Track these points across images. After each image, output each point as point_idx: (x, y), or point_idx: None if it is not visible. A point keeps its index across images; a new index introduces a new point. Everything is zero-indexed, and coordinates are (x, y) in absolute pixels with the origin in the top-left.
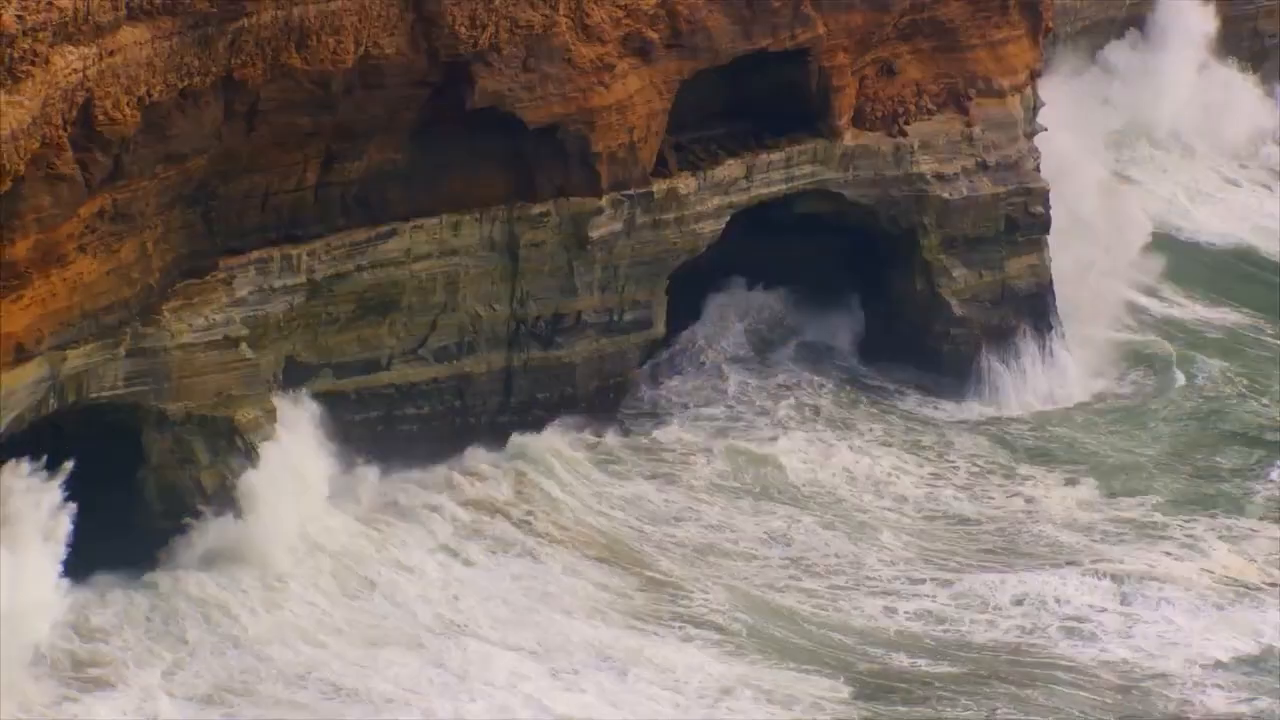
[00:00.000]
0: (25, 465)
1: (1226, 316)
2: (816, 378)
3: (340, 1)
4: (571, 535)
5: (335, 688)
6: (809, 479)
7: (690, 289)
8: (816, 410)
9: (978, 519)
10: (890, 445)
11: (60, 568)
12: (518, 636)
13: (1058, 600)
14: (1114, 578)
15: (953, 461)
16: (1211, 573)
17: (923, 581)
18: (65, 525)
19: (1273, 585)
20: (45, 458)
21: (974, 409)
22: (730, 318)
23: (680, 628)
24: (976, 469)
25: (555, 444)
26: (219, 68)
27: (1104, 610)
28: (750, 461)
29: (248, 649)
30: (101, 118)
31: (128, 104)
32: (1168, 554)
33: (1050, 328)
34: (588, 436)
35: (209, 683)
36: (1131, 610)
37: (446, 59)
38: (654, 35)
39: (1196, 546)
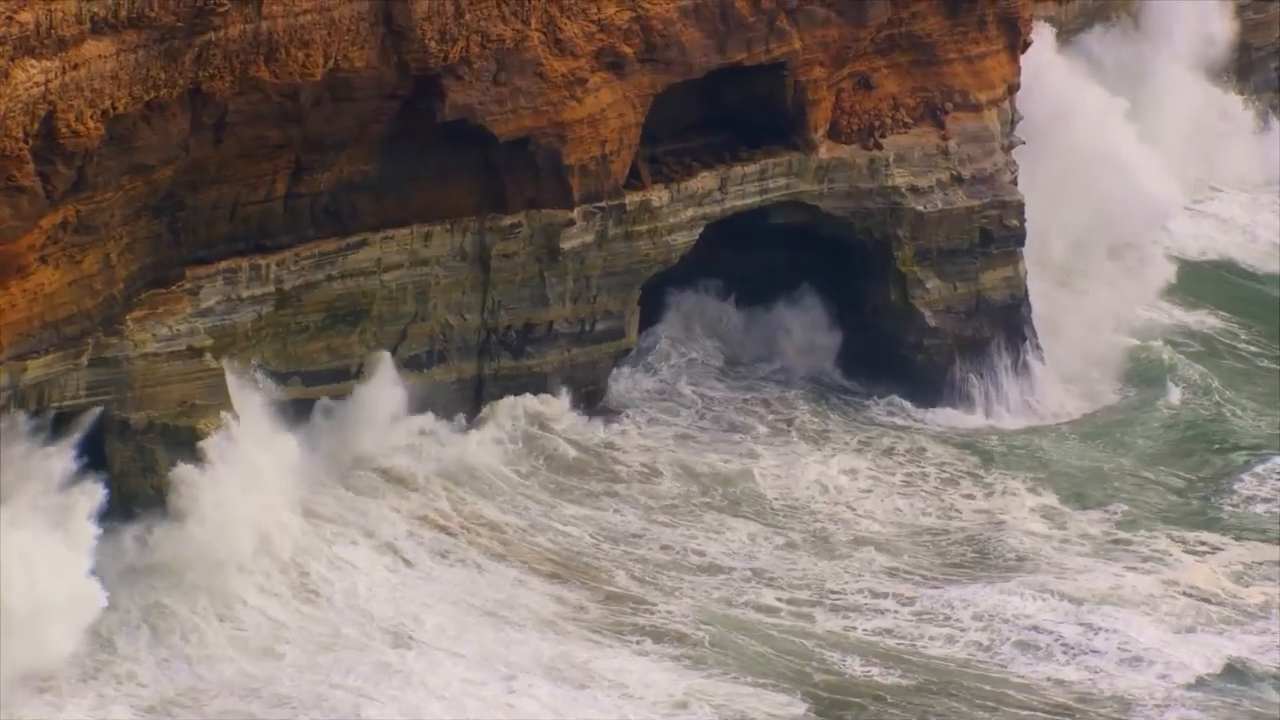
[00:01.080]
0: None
1: (1203, 321)
2: (791, 388)
3: (309, 16)
4: (519, 549)
5: (283, 697)
6: (780, 491)
7: (663, 297)
8: (789, 421)
9: (944, 530)
10: (863, 456)
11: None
12: (471, 647)
13: (1015, 617)
14: (1073, 595)
15: (923, 471)
16: (1175, 585)
17: (885, 596)
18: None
19: (1237, 601)
20: None
21: (947, 419)
22: (702, 326)
23: (638, 641)
24: (946, 478)
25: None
26: (186, 80)
27: (1061, 627)
28: (719, 474)
29: (198, 659)
30: (64, 130)
31: (91, 116)
32: (1131, 569)
33: (1024, 339)
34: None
35: (155, 694)
36: (1089, 627)
37: (416, 72)
38: (628, 49)
39: (1161, 561)
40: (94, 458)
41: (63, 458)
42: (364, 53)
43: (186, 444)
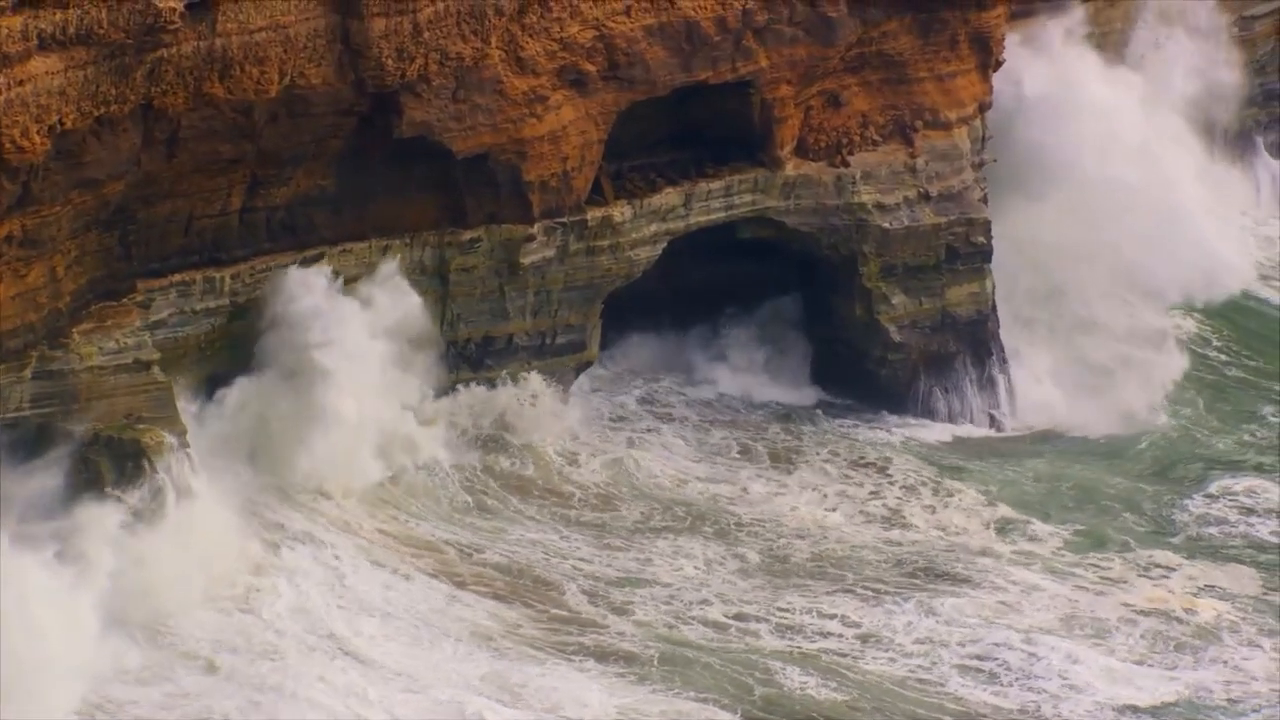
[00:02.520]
0: None
1: (1179, 325)
2: (758, 402)
3: (264, 33)
4: (468, 566)
5: (220, 711)
6: (746, 508)
7: (630, 312)
8: (756, 437)
9: (901, 546)
10: (829, 471)
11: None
12: (411, 662)
13: (960, 641)
14: (1020, 618)
15: (887, 486)
16: (1125, 609)
17: (832, 617)
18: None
19: (1187, 627)
20: None
21: (912, 433)
22: (669, 339)
23: (581, 659)
24: (908, 493)
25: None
26: (137, 96)
27: (1006, 650)
28: (680, 494)
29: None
30: (9, 146)
31: (37, 132)
32: (1081, 589)
33: (990, 354)
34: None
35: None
36: (1034, 653)
37: (374, 89)
38: (591, 67)
39: (1112, 583)
40: None
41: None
42: (320, 70)
43: (131, 456)
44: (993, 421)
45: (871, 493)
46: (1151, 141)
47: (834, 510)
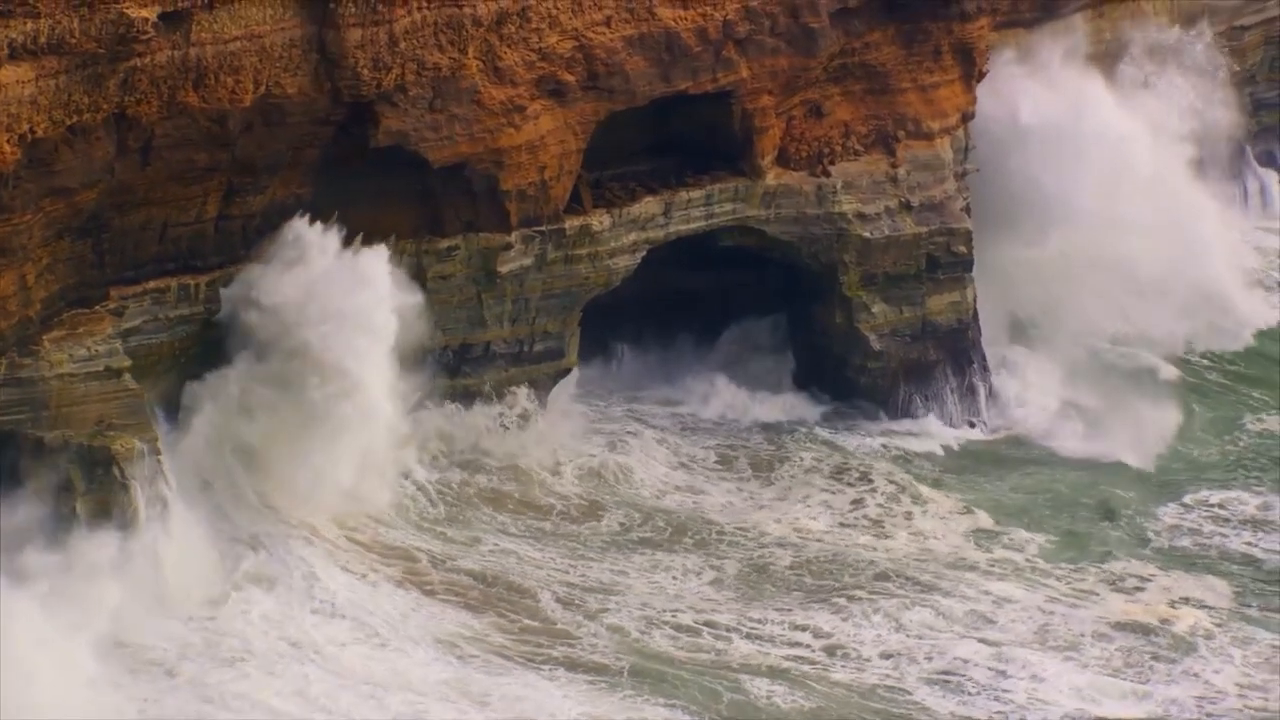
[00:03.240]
0: None
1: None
2: (741, 410)
3: (239, 43)
4: (440, 575)
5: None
6: (728, 517)
7: (613, 320)
8: (739, 445)
9: (877, 554)
10: (811, 480)
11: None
12: (375, 665)
13: (930, 654)
14: (991, 629)
15: (868, 494)
16: (1097, 622)
17: (804, 628)
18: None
19: (1159, 640)
20: None
21: (892, 442)
22: (653, 347)
23: (550, 668)
24: (888, 500)
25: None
26: (111, 105)
27: (973, 666)
28: (662, 503)
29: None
30: None
31: (8, 141)
32: (1054, 600)
33: (971, 362)
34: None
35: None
36: (1002, 667)
37: (350, 99)
38: (570, 78)
39: (1083, 595)
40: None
41: None
42: (296, 79)
43: (102, 464)
44: (973, 429)
45: (853, 503)
46: (1164, 177)
47: (814, 520)
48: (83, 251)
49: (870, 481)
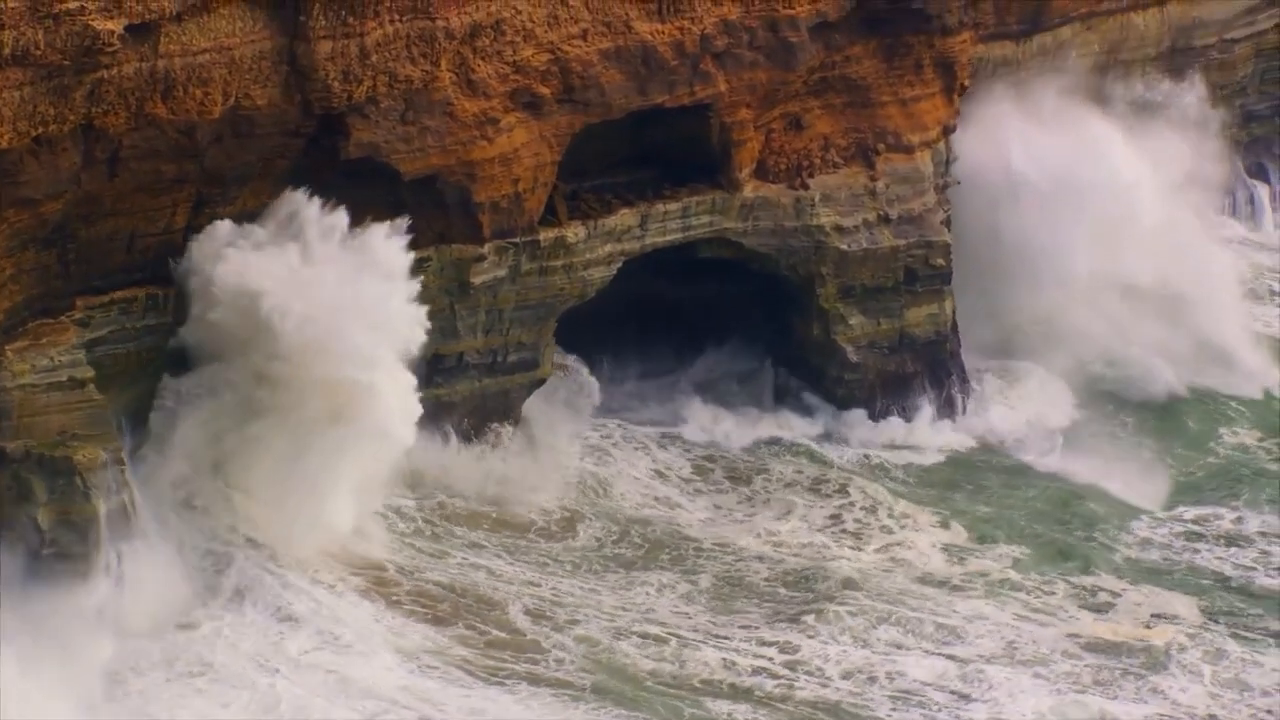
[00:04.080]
0: None
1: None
2: (719, 421)
3: (208, 55)
4: (405, 587)
5: None
6: (704, 531)
7: (593, 330)
8: (717, 457)
9: (851, 568)
10: (787, 493)
11: None
12: (339, 680)
13: (890, 674)
14: (957, 647)
15: (845, 508)
16: (1065, 640)
17: (772, 643)
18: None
19: (1132, 651)
20: None
21: (869, 454)
22: (633, 358)
23: (513, 683)
24: (865, 514)
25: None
26: (77, 116)
27: (944, 677)
28: (641, 515)
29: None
30: None
31: None
32: (1021, 618)
33: (949, 375)
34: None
35: None
36: (967, 686)
37: (320, 111)
38: (545, 90)
39: (1051, 612)
40: None
41: None
42: (266, 91)
43: (64, 474)
44: (952, 442)
45: (830, 517)
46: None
47: (791, 534)
48: (48, 262)
49: (847, 495)
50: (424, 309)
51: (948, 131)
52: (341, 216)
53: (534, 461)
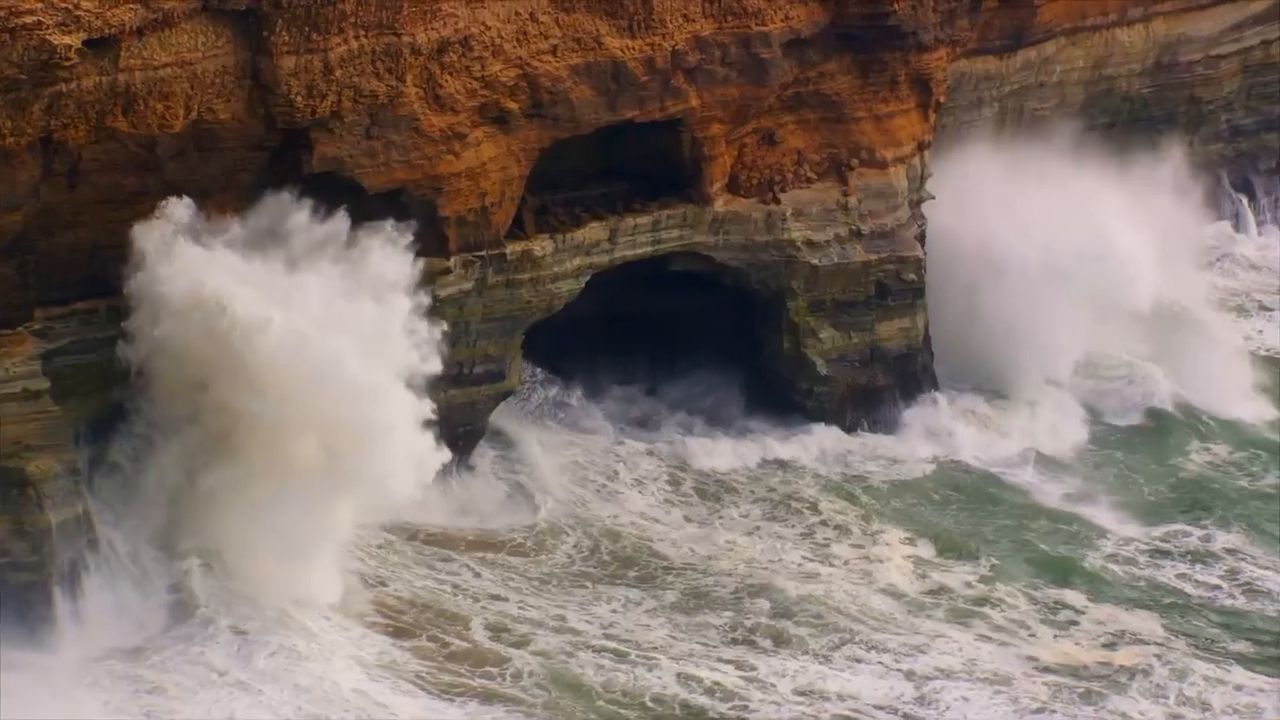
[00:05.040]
0: None
1: None
2: (692, 435)
3: (170, 69)
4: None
5: None
6: (670, 546)
7: (566, 343)
8: (686, 470)
9: (817, 585)
10: (757, 508)
11: None
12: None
13: (843, 694)
14: (913, 666)
15: (816, 524)
16: (1026, 663)
17: (730, 661)
18: None
19: (1092, 672)
20: None
21: (841, 468)
22: (606, 370)
23: (463, 699)
24: (837, 531)
25: None
26: (36, 129)
27: (896, 704)
28: (610, 530)
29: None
30: None
31: None
32: (981, 636)
33: (922, 388)
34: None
35: None
36: (925, 705)
37: (283, 126)
38: (513, 105)
39: (1015, 630)
40: None
41: None
42: (229, 105)
43: (16, 485)
44: (923, 456)
45: (800, 533)
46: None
47: (758, 550)
48: (7, 273)
49: (817, 510)
50: (437, 327)
51: (923, 147)
52: (339, 223)
53: (504, 481)
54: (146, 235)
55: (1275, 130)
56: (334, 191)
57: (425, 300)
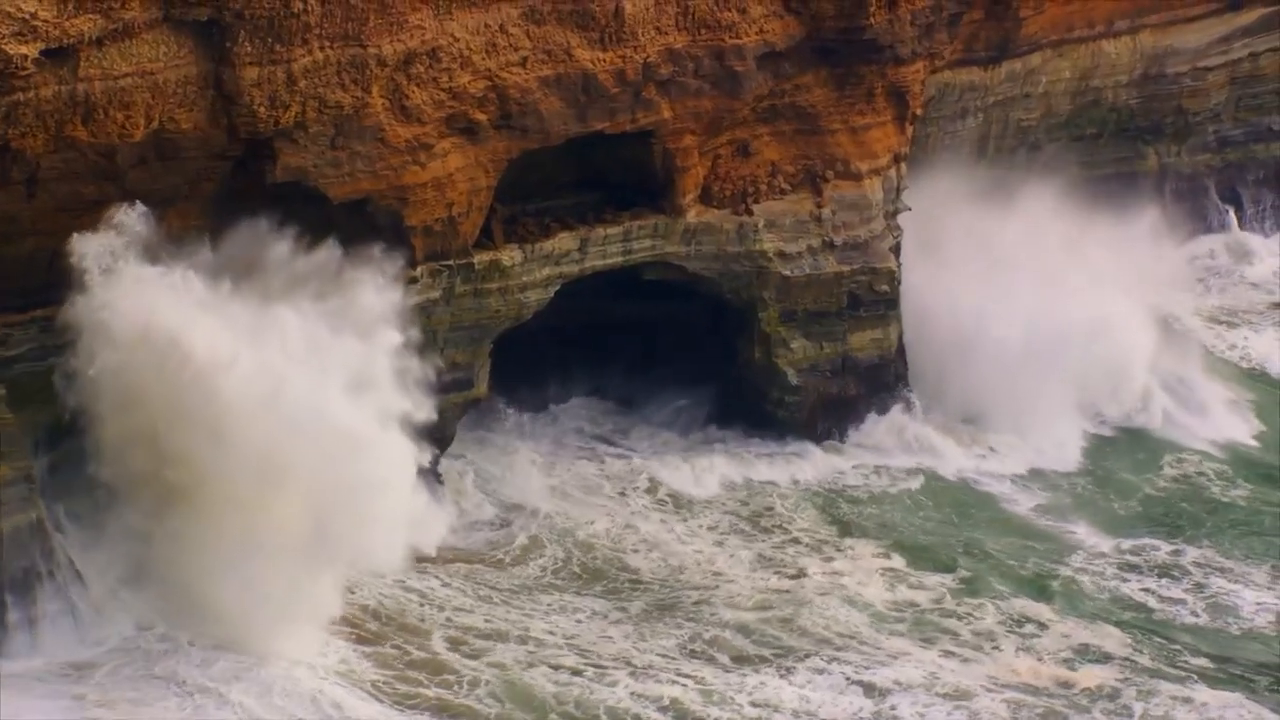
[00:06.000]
0: None
1: None
2: (666, 445)
3: (130, 79)
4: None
5: None
6: (640, 558)
7: (539, 350)
8: (659, 481)
9: (785, 598)
10: (727, 518)
11: None
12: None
13: (798, 711)
14: (879, 670)
15: (787, 537)
16: (995, 678)
17: (691, 676)
18: None
19: (1054, 691)
20: None
21: (813, 477)
22: (581, 378)
23: (417, 712)
24: (808, 543)
25: None
26: None
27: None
28: (581, 540)
29: None
30: None
31: None
32: (947, 650)
33: (895, 399)
34: None
35: None
36: (890, 713)
37: (246, 136)
38: (481, 116)
39: (979, 645)
40: None
41: None
42: (192, 115)
43: None
44: (895, 467)
45: (773, 546)
46: None
47: (727, 562)
48: None
49: (788, 519)
50: (428, 365)
51: (899, 159)
52: (329, 254)
53: (478, 493)
54: (88, 249)
55: (1264, 141)
56: (298, 201)
57: (416, 335)
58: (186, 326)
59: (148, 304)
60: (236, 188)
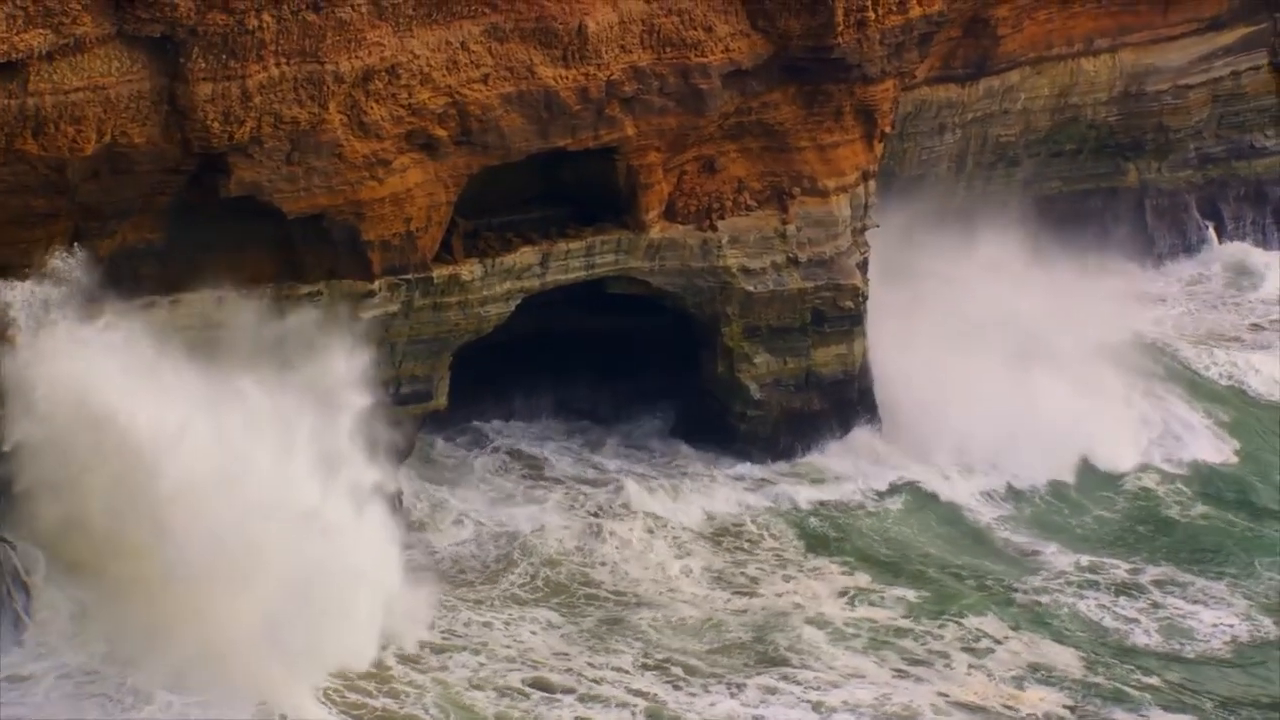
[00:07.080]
0: None
1: None
2: (632, 459)
3: (82, 93)
4: None
5: None
6: (602, 571)
7: (505, 363)
8: (624, 493)
9: (742, 615)
10: (687, 534)
11: None
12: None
13: None
14: (831, 690)
15: (748, 552)
16: (945, 696)
17: (640, 694)
18: None
19: (1005, 714)
20: None
21: (776, 492)
22: (547, 391)
23: None
24: (769, 558)
25: None
26: None
27: None
28: (544, 553)
29: None
30: None
31: None
32: (898, 671)
33: (858, 414)
34: None
35: None
36: None
37: (200, 151)
38: (442, 132)
39: (932, 663)
40: None
41: None
42: (145, 129)
43: None
44: (863, 481)
45: (734, 562)
46: None
47: (686, 579)
48: None
49: (749, 536)
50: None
51: (867, 176)
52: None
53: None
54: (15, 298)
55: (1245, 158)
56: (256, 214)
57: (386, 399)
58: (127, 395)
59: (77, 367)
60: (191, 201)
